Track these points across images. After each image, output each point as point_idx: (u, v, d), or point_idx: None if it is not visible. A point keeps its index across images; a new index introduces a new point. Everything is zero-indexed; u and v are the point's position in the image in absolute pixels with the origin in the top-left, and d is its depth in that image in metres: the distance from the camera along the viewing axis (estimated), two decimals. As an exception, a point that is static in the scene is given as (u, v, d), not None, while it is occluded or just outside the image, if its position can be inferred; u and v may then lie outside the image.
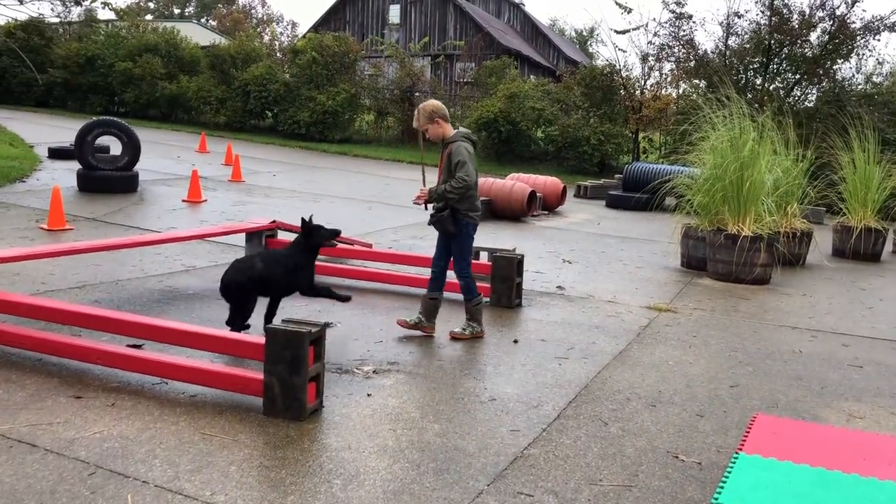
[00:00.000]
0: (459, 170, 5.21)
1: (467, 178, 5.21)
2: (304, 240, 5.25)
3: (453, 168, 5.25)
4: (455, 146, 5.31)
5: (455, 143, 5.33)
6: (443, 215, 5.37)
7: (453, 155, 5.28)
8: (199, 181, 12.04)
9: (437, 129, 5.42)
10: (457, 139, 5.38)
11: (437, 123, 5.40)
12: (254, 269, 5.06)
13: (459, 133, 5.46)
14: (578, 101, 23.42)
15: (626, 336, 5.91)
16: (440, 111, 5.43)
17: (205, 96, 27.28)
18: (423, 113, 5.41)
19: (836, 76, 21.54)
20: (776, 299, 7.77)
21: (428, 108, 5.42)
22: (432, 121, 5.38)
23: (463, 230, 5.44)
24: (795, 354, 5.65)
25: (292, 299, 5.58)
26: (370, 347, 5.17)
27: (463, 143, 5.35)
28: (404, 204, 13.68)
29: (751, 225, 8.55)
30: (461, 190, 5.24)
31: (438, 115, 5.40)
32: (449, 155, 5.31)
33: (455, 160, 5.25)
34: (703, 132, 9.12)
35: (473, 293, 5.57)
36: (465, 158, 5.23)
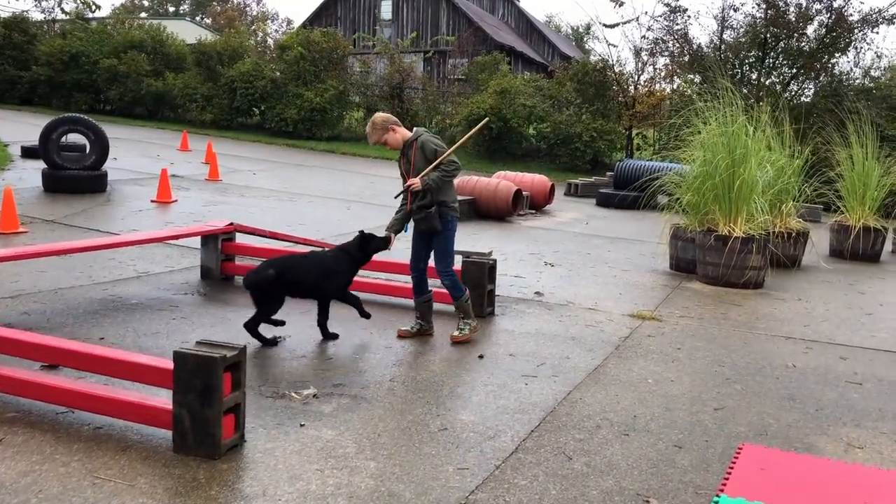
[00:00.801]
0: (447, 157, 5.19)
1: (456, 161, 5.24)
2: (356, 249, 5.47)
3: (431, 156, 5.20)
4: (422, 139, 5.27)
5: (423, 137, 5.30)
6: (430, 212, 5.22)
7: (425, 145, 5.23)
8: (168, 181, 11.53)
9: (395, 136, 5.33)
10: (420, 135, 5.33)
11: (393, 130, 5.32)
12: (270, 271, 5.10)
13: (419, 131, 5.41)
14: (570, 97, 22.90)
15: (604, 349, 5.41)
16: (391, 119, 5.38)
17: (190, 93, 26.73)
18: (375, 126, 5.32)
19: (834, 70, 21.03)
20: (769, 305, 7.27)
21: (378, 120, 5.34)
22: (387, 129, 5.30)
23: (448, 226, 5.34)
24: (788, 369, 5.15)
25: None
26: (318, 366, 4.67)
27: (428, 135, 5.36)
28: (386, 203, 13.18)
29: (742, 225, 8.06)
30: (454, 171, 5.23)
31: (391, 122, 5.35)
32: (420, 148, 5.24)
33: (430, 149, 5.21)
34: (695, 127, 8.62)
35: (461, 290, 5.47)
36: (444, 147, 5.24)
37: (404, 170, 5.38)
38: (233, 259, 7.13)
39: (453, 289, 5.44)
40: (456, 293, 5.44)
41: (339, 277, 5.37)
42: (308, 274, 5.23)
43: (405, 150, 5.34)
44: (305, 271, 5.24)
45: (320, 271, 5.26)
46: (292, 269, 5.20)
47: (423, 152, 5.23)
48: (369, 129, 5.32)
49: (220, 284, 6.84)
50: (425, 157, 5.22)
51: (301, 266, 5.28)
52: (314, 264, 5.36)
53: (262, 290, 5.05)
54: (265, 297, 5.06)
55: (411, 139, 5.30)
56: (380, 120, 5.32)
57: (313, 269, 5.28)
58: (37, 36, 29.99)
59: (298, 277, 5.17)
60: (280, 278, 5.04)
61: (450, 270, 5.42)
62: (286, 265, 5.21)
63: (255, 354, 4.80)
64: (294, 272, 5.17)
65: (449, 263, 5.41)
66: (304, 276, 5.20)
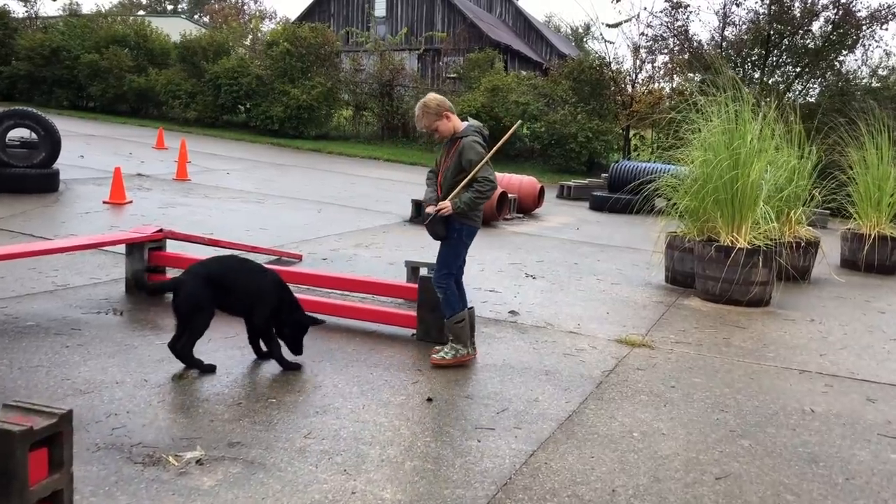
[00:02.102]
0: (482, 171, 4.57)
1: (491, 178, 4.60)
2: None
3: (465, 166, 4.59)
4: (467, 142, 4.63)
5: (466, 139, 4.64)
6: (433, 216, 4.67)
7: (465, 151, 4.61)
8: (122, 180, 10.60)
9: (448, 125, 4.70)
10: (468, 133, 4.68)
11: (447, 118, 4.69)
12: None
13: (471, 127, 4.77)
14: (566, 96, 21.96)
15: (583, 387, 4.49)
16: (446, 104, 4.72)
17: (174, 90, 25.80)
18: (428, 109, 4.67)
19: (841, 69, 20.10)
20: (778, 327, 6.35)
21: (433, 103, 4.69)
22: (440, 116, 4.67)
23: (455, 234, 4.74)
24: (807, 417, 4.23)
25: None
26: (218, 414, 3.74)
27: (474, 137, 4.67)
28: (362, 206, 12.29)
29: (747, 234, 7.14)
30: (488, 192, 4.61)
31: (445, 107, 4.69)
32: (460, 152, 4.63)
33: (469, 157, 4.59)
34: (695, 124, 7.69)
35: (454, 307, 4.80)
36: (482, 156, 4.59)
37: (439, 163, 4.82)
38: (163, 271, 6.21)
39: (446, 305, 4.80)
40: (445, 310, 4.82)
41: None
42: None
43: (449, 142, 4.75)
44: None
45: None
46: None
47: (460, 157, 4.63)
48: (419, 111, 4.70)
49: (146, 301, 5.91)
50: (460, 164, 4.63)
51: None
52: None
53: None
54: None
55: (459, 135, 4.69)
56: (434, 103, 4.68)
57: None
58: (17, 30, 29.06)
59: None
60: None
61: (443, 283, 4.79)
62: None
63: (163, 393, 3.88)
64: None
65: (444, 275, 4.79)
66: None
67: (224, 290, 4.36)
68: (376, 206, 12.42)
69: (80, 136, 18.82)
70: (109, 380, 4.09)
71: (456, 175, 4.66)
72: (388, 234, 9.90)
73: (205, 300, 4.31)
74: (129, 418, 3.59)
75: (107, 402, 3.78)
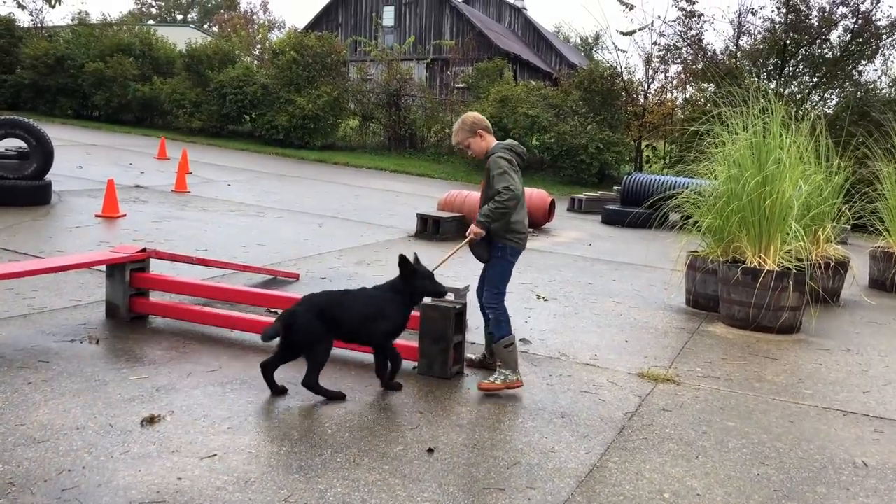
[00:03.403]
0: (498, 182, 4.51)
1: (511, 187, 4.49)
2: (400, 283, 4.47)
3: (492, 181, 4.57)
4: (491, 158, 4.62)
5: (493, 156, 4.62)
6: (474, 239, 4.68)
7: (490, 168, 4.60)
8: (115, 193, 10.18)
9: (481, 144, 4.73)
10: (495, 151, 4.66)
11: (481, 136, 4.72)
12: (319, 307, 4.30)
13: (500, 144, 4.73)
14: (576, 106, 21.49)
15: (604, 433, 4.00)
16: (482, 122, 4.76)
17: (178, 99, 25.46)
18: (464, 125, 4.73)
19: (860, 79, 19.57)
20: (813, 359, 5.83)
21: (469, 120, 4.74)
22: (475, 133, 4.71)
23: (498, 254, 4.69)
24: (859, 470, 3.73)
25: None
26: (187, 470, 3.27)
27: (501, 153, 4.62)
28: (366, 220, 11.84)
29: (776, 256, 6.64)
30: (508, 202, 4.49)
31: (481, 126, 4.73)
32: (487, 169, 4.64)
33: (492, 173, 4.56)
34: (719, 136, 7.20)
35: (504, 330, 4.66)
36: (502, 168, 4.54)
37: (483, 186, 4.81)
38: (146, 294, 5.76)
39: (496, 326, 4.70)
40: (495, 331, 4.71)
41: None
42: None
43: (486, 164, 4.73)
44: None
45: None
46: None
47: (488, 172, 4.62)
48: (457, 126, 4.77)
49: (127, 327, 5.46)
50: (489, 179, 4.62)
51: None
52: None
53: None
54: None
55: (489, 153, 4.67)
56: (470, 120, 4.73)
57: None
58: (22, 38, 28.82)
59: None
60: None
61: (494, 303, 4.71)
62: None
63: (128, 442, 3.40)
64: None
65: (494, 295, 4.71)
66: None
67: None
68: (380, 219, 11.97)
69: (82, 146, 18.48)
70: (70, 424, 3.63)
71: (487, 194, 4.65)
72: (392, 250, 9.43)
73: (320, 329, 4.21)
74: (84, 476, 3.12)
75: (62, 454, 3.31)
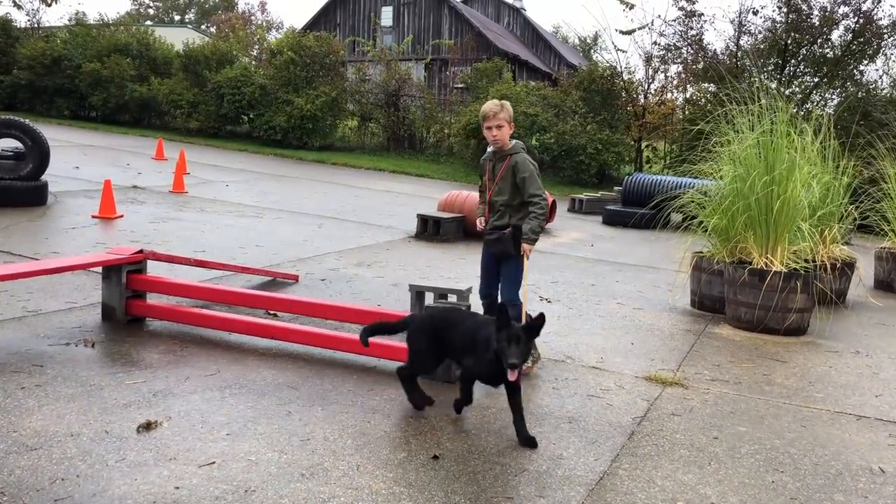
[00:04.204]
0: (530, 185, 4.73)
1: (542, 194, 4.76)
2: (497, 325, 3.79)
3: (519, 183, 4.76)
4: (520, 158, 4.80)
5: (520, 156, 4.81)
6: (504, 234, 4.82)
7: (520, 169, 4.76)
8: (112, 193, 10.06)
9: (508, 133, 4.82)
10: (518, 150, 4.85)
11: (511, 127, 4.83)
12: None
13: (519, 144, 4.92)
14: (575, 107, 21.38)
15: (613, 439, 3.89)
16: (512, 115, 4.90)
17: (176, 100, 25.35)
18: (506, 109, 4.78)
19: (861, 79, 19.48)
20: (822, 361, 5.73)
21: (509, 106, 4.84)
22: (510, 121, 4.80)
23: (519, 250, 4.84)
24: (876, 477, 3.62)
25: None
26: (184, 479, 3.16)
27: (526, 155, 4.86)
28: (366, 220, 11.72)
29: (783, 257, 6.54)
30: (544, 209, 4.77)
31: (512, 119, 4.85)
32: (514, 168, 4.78)
33: (522, 175, 4.74)
34: (725, 135, 7.10)
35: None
36: (531, 171, 4.76)
37: (487, 180, 4.96)
38: (143, 296, 5.65)
39: (518, 320, 4.68)
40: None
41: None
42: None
43: (496, 159, 4.90)
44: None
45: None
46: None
47: (514, 173, 4.78)
48: (498, 107, 4.74)
49: (123, 330, 5.35)
50: (513, 182, 4.78)
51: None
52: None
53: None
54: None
55: (510, 151, 4.84)
56: (510, 107, 4.83)
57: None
58: (19, 39, 28.69)
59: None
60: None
61: (518, 300, 4.83)
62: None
63: (123, 449, 3.30)
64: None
65: (517, 293, 4.86)
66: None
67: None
68: (380, 220, 11.86)
69: (79, 147, 18.37)
70: (64, 431, 3.52)
71: (512, 193, 4.78)
72: (392, 251, 9.33)
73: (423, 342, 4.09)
74: (78, 485, 3.01)
75: (55, 462, 3.20)
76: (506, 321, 3.66)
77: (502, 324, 3.65)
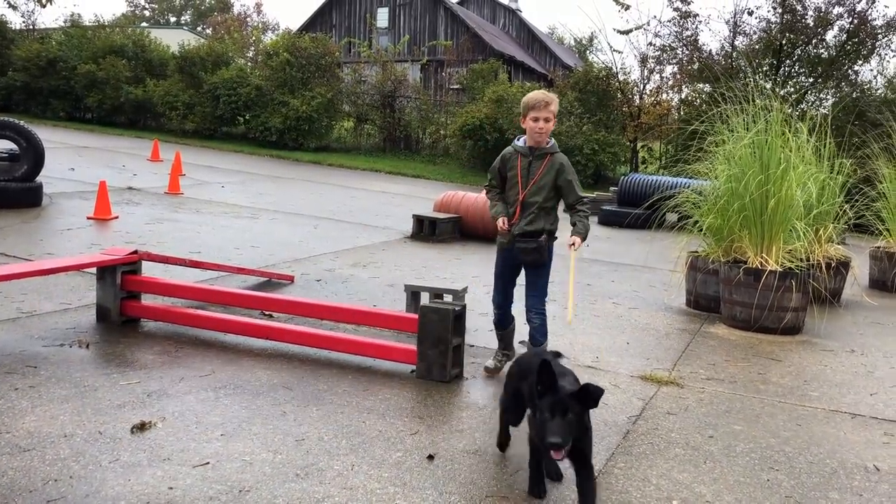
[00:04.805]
0: (577, 188, 4.48)
1: (583, 193, 4.58)
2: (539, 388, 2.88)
3: (563, 185, 4.45)
4: (565, 160, 4.51)
5: (562, 156, 4.52)
6: (541, 242, 4.48)
7: (566, 169, 4.47)
8: (107, 194, 10.05)
9: (550, 129, 4.45)
10: (557, 150, 4.54)
11: (553, 123, 4.48)
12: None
13: (554, 144, 4.57)
14: (571, 108, 21.40)
15: (609, 438, 3.89)
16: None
17: (171, 101, 25.31)
18: (556, 104, 4.50)
19: (856, 79, 19.51)
20: (817, 360, 5.74)
21: (558, 103, 4.58)
22: (555, 118, 4.48)
23: (551, 256, 4.63)
24: (871, 475, 3.63)
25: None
26: (179, 479, 3.15)
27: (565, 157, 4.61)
28: (361, 221, 11.71)
29: (778, 256, 6.55)
30: (590, 212, 4.61)
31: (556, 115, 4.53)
32: (557, 169, 4.45)
33: (568, 177, 4.45)
34: (720, 135, 7.10)
35: (545, 334, 4.69)
36: (575, 175, 4.55)
37: (520, 178, 4.48)
38: (138, 297, 5.63)
39: (541, 331, 4.65)
40: (543, 337, 4.66)
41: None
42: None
43: (533, 156, 4.46)
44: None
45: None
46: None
47: (557, 175, 4.44)
48: (549, 97, 4.42)
49: (118, 331, 5.33)
50: (555, 183, 4.44)
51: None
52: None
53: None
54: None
55: (551, 149, 4.49)
56: (558, 104, 4.59)
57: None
58: (14, 41, 28.63)
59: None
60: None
61: (543, 307, 4.64)
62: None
63: (117, 449, 3.28)
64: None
65: (544, 299, 4.66)
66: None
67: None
68: (376, 220, 11.86)
69: (74, 148, 18.33)
70: (57, 432, 3.51)
71: (548, 194, 4.45)
72: (388, 251, 9.32)
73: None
74: (71, 486, 3.00)
75: (48, 463, 3.19)
76: (550, 381, 2.80)
77: (546, 386, 2.80)
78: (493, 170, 4.63)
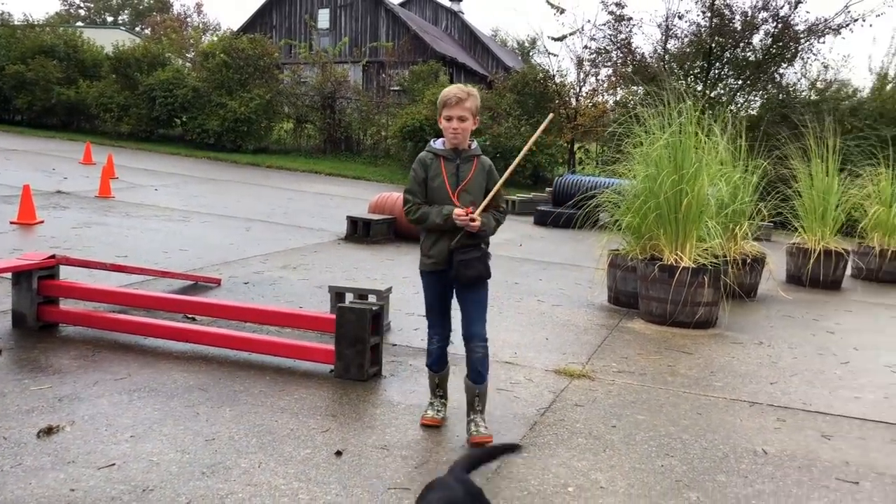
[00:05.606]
0: (501, 197, 3.98)
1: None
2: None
3: (491, 187, 3.89)
4: (490, 164, 3.97)
5: (487, 159, 3.98)
6: (485, 251, 3.91)
7: (495, 175, 3.95)
8: (31, 199, 9.83)
9: (469, 129, 3.85)
10: (480, 153, 3.98)
11: (475, 122, 3.88)
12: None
13: (477, 146, 4.01)
14: (510, 109, 21.68)
15: (516, 430, 4.03)
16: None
17: (105, 103, 24.76)
18: (475, 99, 3.86)
19: (782, 82, 20.22)
20: (725, 352, 6.00)
21: (478, 98, 3.92)
22: (475, 117, 3.87)
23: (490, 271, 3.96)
24: (759, 458, 3.84)
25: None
26: (82, 481, 3.17)
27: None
28: (296, 223, 11.70)
29: (692, 253, 6.81)
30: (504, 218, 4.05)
31: (478, 112, 3.94)
32: (488, 173, 3.93)
33: (495, 180, 3.94)
34: (638, 137, 7.34)
35: (488, 368, 4.02)
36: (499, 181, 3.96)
37: (448, 184, 3.82)
38: (56, 302, 5.57)
39: (486, 364, 3.96)
40: (486, 372, 3.97)
41: None
42: None
43: (461, 159, 3.84)
44: None
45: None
46: None
47: (488, 179, 3.92)
48: (465, 92, 3.79)
49: (34, 336, 5.27)
50: (485, 185, 3.90)
51: None
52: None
53: None
54: None
55: (475, 153, 3.91)
56: (479, 100, 3.90)
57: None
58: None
59: None
60: None
61: (486, 335, 3.98)
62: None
63: (21, 454, 3.28)
64: None
65: (485, 324, 4.00)
66: None
67: None
68: (311, 222, 11.86)
69: (1, 151, 17.83)
70: (-39, 438, 3.49)
71: (481, 199, 3.86)
72: (320, 253, 9.35)
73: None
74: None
75: (-52, 469, 3.18)
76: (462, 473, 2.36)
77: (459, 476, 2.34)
78: (415, 181, 3.90)
